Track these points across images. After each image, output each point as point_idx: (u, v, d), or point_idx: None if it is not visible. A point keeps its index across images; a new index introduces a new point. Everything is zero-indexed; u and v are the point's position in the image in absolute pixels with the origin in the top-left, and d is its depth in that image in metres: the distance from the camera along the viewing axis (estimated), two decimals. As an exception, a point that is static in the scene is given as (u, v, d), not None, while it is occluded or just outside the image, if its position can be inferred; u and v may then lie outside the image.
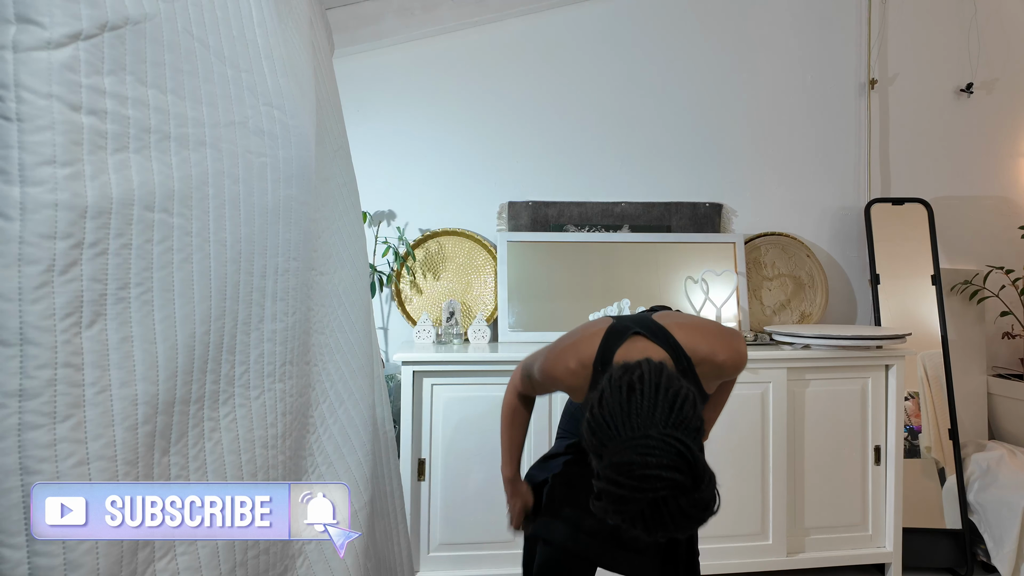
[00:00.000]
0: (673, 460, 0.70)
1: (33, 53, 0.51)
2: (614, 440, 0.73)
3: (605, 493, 0.72)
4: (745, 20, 2.43)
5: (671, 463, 0.70)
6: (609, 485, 0.71)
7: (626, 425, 0.74)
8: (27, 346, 0.51)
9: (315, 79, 0.98)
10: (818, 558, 1.95)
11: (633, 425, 0.73)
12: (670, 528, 0.71)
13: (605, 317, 1.07)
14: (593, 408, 0.77)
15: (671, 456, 0.70)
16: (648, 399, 0.75)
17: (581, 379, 0.97)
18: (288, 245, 0.81)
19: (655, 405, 0.74)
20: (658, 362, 0.82)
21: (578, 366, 0.97)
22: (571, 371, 0.97)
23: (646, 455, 0.70)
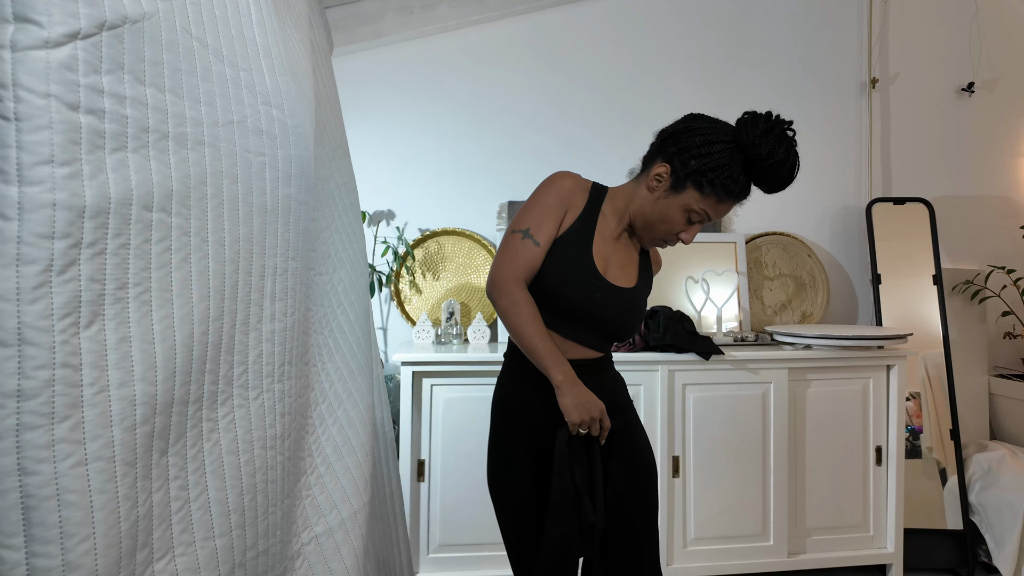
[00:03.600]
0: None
1: (31, 52, 0.51)
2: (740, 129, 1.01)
3: (762, 143, 0.97)
4: (745, 19, 2.43)
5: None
6: (763, 137, 0.98)
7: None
8: (25, 346, 0.51)
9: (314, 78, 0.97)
10: (819, 559, 1.95)
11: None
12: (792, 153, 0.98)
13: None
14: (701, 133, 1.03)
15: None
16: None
17: (580, 191, 1.07)
18: (287, 245, 0.81)
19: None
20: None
21: (578, 180, 1.09)
22: (577, 185, 1.07)
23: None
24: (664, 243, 1.09)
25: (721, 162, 1.00)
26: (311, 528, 0.90)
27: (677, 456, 1.88)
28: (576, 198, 1.07)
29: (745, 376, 1.92)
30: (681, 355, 1.88)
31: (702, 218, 1.02)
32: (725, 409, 1.91)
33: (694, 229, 1.04)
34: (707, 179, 1.00)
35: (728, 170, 0.99)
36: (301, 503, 0.89)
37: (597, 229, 1.08)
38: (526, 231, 1.03)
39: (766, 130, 0.98)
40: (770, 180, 0.99)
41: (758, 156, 0.98)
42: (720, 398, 1.90)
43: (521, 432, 1.10)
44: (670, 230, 1.05)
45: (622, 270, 1.10)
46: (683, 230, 1.04)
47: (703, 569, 1.88)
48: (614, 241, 1.10)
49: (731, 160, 1.00)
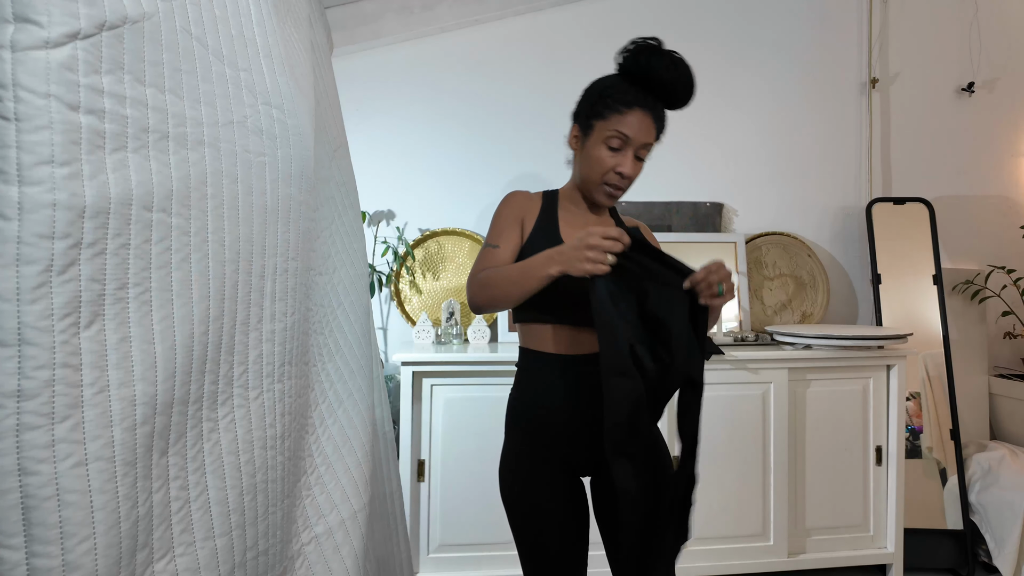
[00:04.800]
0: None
1: (31, 52, 0.51)
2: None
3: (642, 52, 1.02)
4: (745, 19, 2.43)
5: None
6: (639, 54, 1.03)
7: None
8: (25, 346, 0.51)
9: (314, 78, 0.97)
10: (819, 559, 1.95)
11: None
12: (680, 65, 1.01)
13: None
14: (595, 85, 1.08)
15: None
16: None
17: (532, 200, 1.13)
18: (287, 245, 0.81)
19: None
20: None
21: (527, 193, 1.14)
22: (526, 195, 1.13)
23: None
24: (612, 189, 1.07)
25: (606, 85, 1.06)
26: (311, 528, 0.90)
27: (676, 456, 1.87)
28: (528, 205, 1.12)
29: (745, 376, 1.92)
30: (681, 355, 1.87)
31: (621, 140, 1.02)
32: (725, 409, 1.91)
33: (626, 158, 1.03)
34: (602, 105, 1.04)
35: (614, 87, 1.04)
36: (301, 503, 0.89)
37: (560, 219, 1.12)
38: (487, 244, 1.09)
39: (637, 48, 1.03)
40: (660, 83, 1.02)
41: (638, 67, 1.03)
42: (720, 398, 1.90)
43: (545, 440, 1.06)
44: (604, 169, 1.05)
45: None
46: (615, 163, 1.04)
47: (703, 569, 1.88)
48: (583, 228, 1.11)
49: (615, 81, 1.05)
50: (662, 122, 1.06)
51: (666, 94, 1.03)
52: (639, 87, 1.03)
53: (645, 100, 1.03)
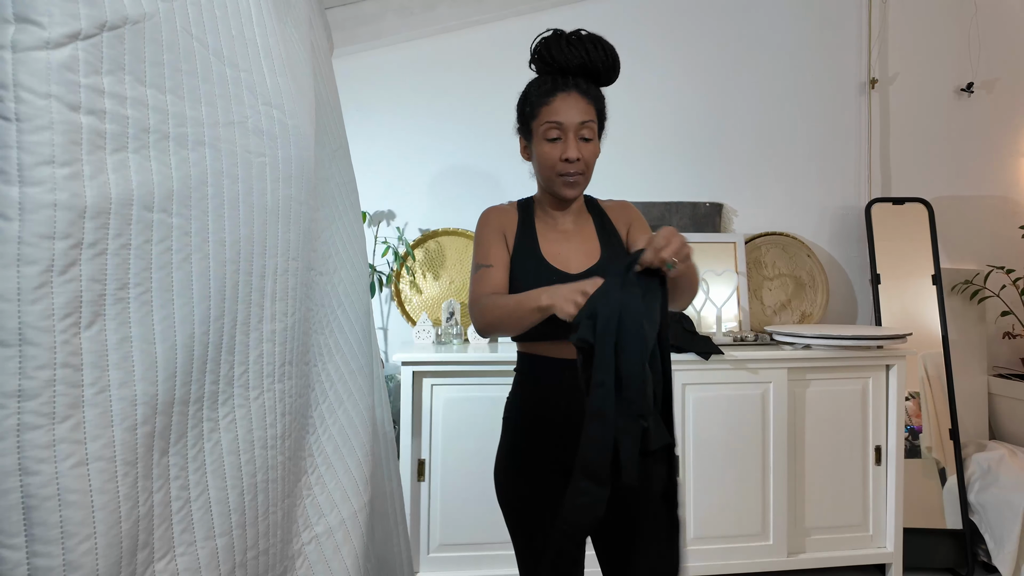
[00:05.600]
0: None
1: (32, 53, 0.51)
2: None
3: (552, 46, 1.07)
4: (745, 19, 2.43)
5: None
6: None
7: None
8: (26, 346, 0.51)
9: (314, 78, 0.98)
10: (819, 558, 1.95)
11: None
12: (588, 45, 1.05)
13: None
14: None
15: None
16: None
17: (508, 212, 1.15)
18: (287, 245, 0.81)
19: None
20: None
21: (502, 206, 1.17)
22: (502, 209, 1.16)
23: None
24: (568, 178, 1.07)
25: (527, 88, 1.12)
26: (312, 528, 0.90)
27: (677, 456, 1.87)
28: (506, 219, 1.14)
29: (745, 376, 1.92)
30: (681, 355, 1.88)
31: (556, 127, 1.04)
32: (725, 409, 1.91)
33: (568, 143, 1.04)
34: (529, 106, 1.09)
35: (534, 86, 1.09)
36: (302, 503, 0.89)
37: (538, 229, 1.13)
38: (477, 265, 1.10)
39: (538, 47, 1.09)
40: (569, 65, 1.05)
41: (545, 62, 1.07)
42: (720, 398, 1.91)
43: (541, 442, 1.07)
44: (551, 162, 1.06)
45: (581, 255, 1.11)
46: (560, 152, 1.05)
47: (703, 568, 1.88)
48: (561, 234, 1.13)
49: (533, 81, 1.11)
50: (593, 96, 1.06)
51: (583, 70, 1.06)
52: (555, 76, 1.07)
53: (565, 83, 1.05)
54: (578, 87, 1.05)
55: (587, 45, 1.05)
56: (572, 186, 1.08)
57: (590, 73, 1.06)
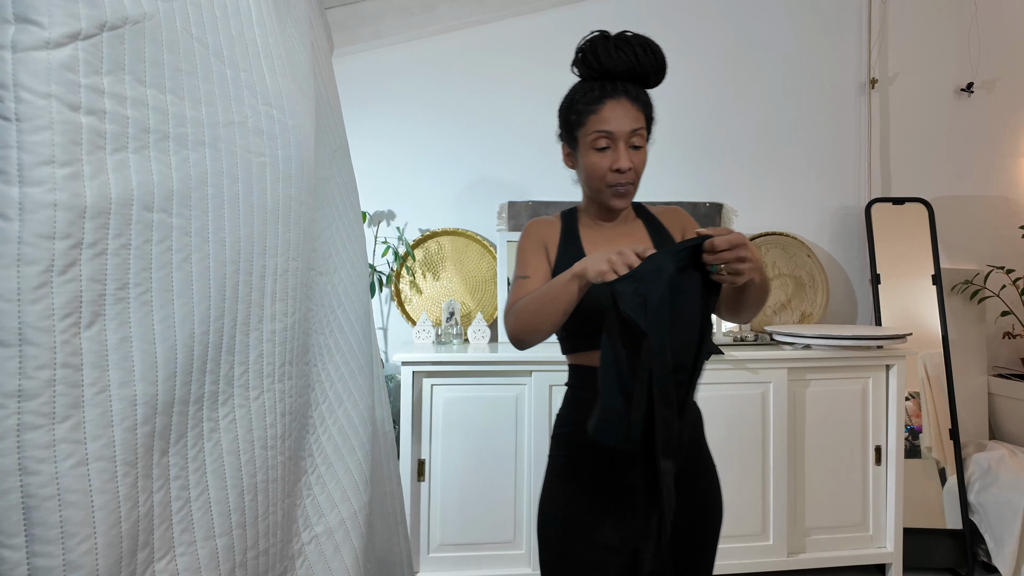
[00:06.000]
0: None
1: (32, 53, 0.51)
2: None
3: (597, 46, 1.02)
4: (745, 19, 2.43)
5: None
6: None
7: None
8: (26, 347, 0.51)
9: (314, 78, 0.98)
10: (819, 558, 1.95)
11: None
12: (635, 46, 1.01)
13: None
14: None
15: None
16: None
17: (550, 224, 1.11)
18: (287, 245, 0.81)
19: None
20: None
21: (546, 218, 1.13)
22: (544, 222, 1.12)
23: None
24: (618, 189, 1.02)
25: (572, 93, 1.06)
26: (312, 528, 0.90)
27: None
28: (549, 231, 1.09)
29: (745, 376, 1.92)
30: (681, 355, 1.88)
31: (607, 138, 0.99)
32: (725, 409, 1.91)
33: (618, 153, 0.99)
34: (575, 114, 1.03)
35: (580, 92, 1.04)
36: (302, 503, 0.89)
37: (583, 237, 1.08)
38: (515, 277, 1.06)
39: (583, 49, 1.04)
40: (619, 69, 1.00)
41: (591, 65, 1.02)
42: (720, 398, 1.91)
43: (603, 458, 0.98)
44: (601, 173, 1.02)
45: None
46: (610, 162, 1.00)
47: (703, 569, 1.88)
48: (609, 240, 1.08)
49: (579, 86, 1.05)
50: (642, 102, 1.03)
51: (631, 74, 1.01)
52: (603, 81, 1.02)
53: (614, 90, 1.00)
54: (627, 93, 1.00)
55: (636, 48, 1.00)
56: (622, 197, 1.03)
57: (638, 77, 1.01)
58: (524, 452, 1.85)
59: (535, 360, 1.84)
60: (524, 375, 1.85)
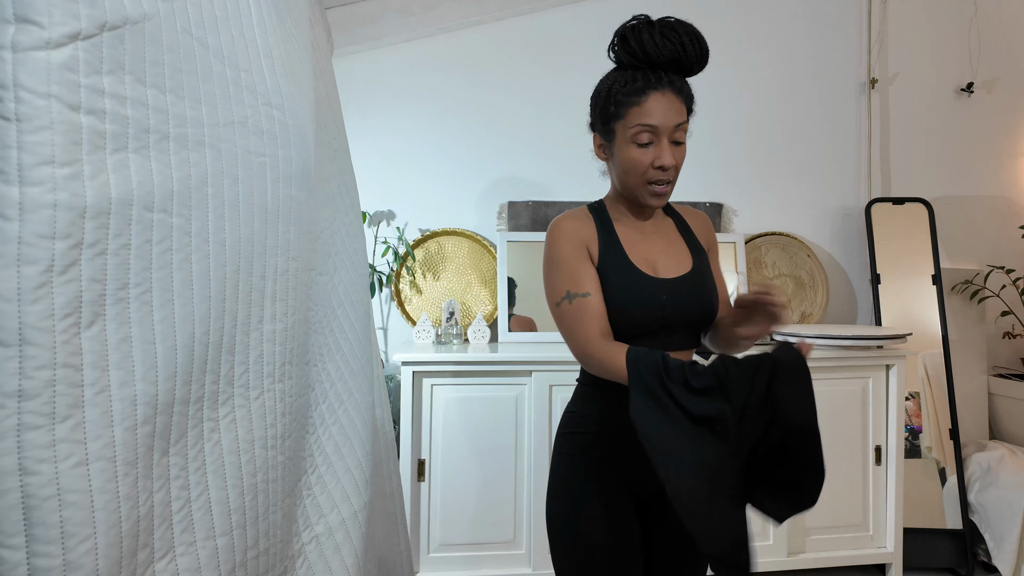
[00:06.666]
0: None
1: (32, 53, 0.51)
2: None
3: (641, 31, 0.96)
4: (745, 19, 2.43)
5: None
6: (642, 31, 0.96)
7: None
8: (26, 346, 0.51)
9: (315, 79, 0.98)
10: (819, 558, 1.95)
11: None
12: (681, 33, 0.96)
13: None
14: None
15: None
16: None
17: (583, 221, 1.02)
18: (288, 245, 0.81)
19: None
20: None
21: (574, 215, 1.03)
22: (577, 219, 1.02)
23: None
24: (658, 187, 0.97)
25: (611, 83, 0.98)
26: (312, 528, 0.90)
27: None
28: (585, 230, 1.01)
29: (745, 376, 1.91)
30: (681, 355, 1.88)
31: (649, 131, 0.94)
32: (725, 409, 1.91)
33: (661, 148, 0.94)
34: (614, 104, 0.96)
35: (620, 81, 0.96)
36: (302, 503, 0.89)
37: (620, 236, 1.01)
38: (567, 294, 0.96)
39: (623, 34, 0.97)
40: (662, 56, 0.94)
41: (633, 52, 0.95)
42: (720, 398, 1.90)
43: (608, 458, 0.98)
44: (642, 169, 0.96)
45: (670, 260, 1.02)
46: (652, 158, 0.95)
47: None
48: (645, 236, 1.03)
49: (618, 75, 0.98)
50: (686, 94, 0.97)
51: (675, 64, 0.95)
52: (645, 70, 0.95)
53: (658, 80, 0.94)
54: (672, 85, 0.94)
55: (683, 36, 0.94)
56: (659, 196, 0.98)
57: (681, 67, 0.96)
58: (524, 452, 1.85)
59: (535, 360, 1.84)
60: (524, 375, 1.85)
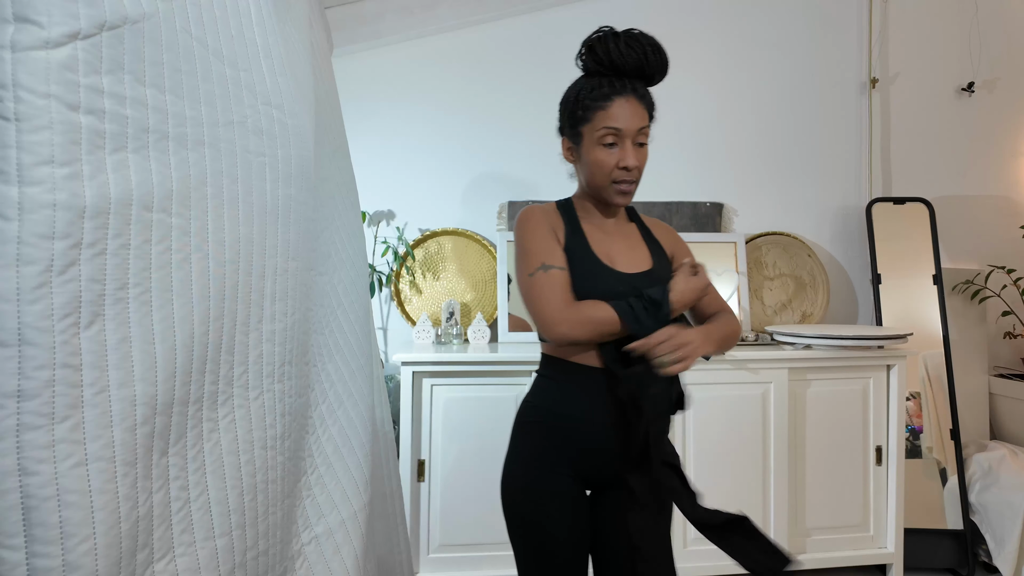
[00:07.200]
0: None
1: (31, 53, 0.51)
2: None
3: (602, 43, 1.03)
4: (746, 19, 2.43)
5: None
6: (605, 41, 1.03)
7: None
8: (25, 347, 0.51)
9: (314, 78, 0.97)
10: (819, 559, 1.95)
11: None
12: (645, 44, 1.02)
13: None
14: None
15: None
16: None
17: (552, 213, 1.10)
18: (287, 245, 0.81)
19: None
20: None
21: (544, 206, 1.11)
22: (546, 209, 1.10)
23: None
24: (622, 186, 1.04)
25: (578, 88, 1.05)
26: (311, 528, 0.90)
27: (677, 456, 1.88)
28: (553, 218, 1.08)
29: (745, 376, 1.91)
30: (681, 355, 1.88)
31: (614, 133, 1.01)
32: (725, 409, 1.91)
33: (625, 150, 1.01)
34: (582, 108, 1.03)
35: (587, 87, 1.04)
36: (301, 503, 0.89)
37: (585, 232, 1.08)
38: (541, 266, 1.01)
39: (591, 44, 1.04)
40: (626, 65, 1.01)
41: (599, 60, 1.03)
42: (720, 398, 1.90)
43: (563, 448, 1.03)
44: (607, 169, 1.03)
45: (631, 258, 1.08)
46: (617, 159, 1.02)
47: (703, 569, 1.88)
48: (607, 235, 1.10)
49: (585, 82, 1.05)
50: (648, 101, 1.05)
51: (638, 73, 1.03)
52: (610, 78, 1.03)
53: (622, 87, 1.02)
54: (635, 91, 1.02)
55: (645, 46, 1.02)
56: (624, 195, 1.05)
57: (644, 75, 1.03)
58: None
59: (535, 360, 1.83)
60: (524, 375, 1.85)
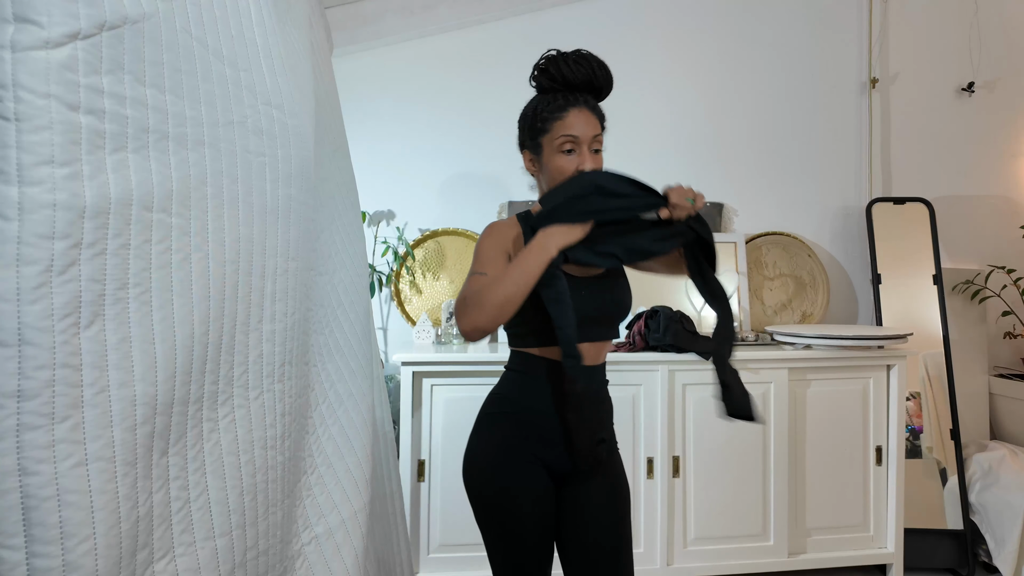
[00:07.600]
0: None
1: (31, 53, 0.51)
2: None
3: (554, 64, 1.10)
4: (745, 19, 2.43)
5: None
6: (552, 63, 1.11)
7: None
8: (25, 347, 0.51)
9: (314, 78, 0.97)
10: (819, 559, 1.95)
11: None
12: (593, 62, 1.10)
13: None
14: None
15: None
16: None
17: (509, 226, 1.13)
18: (287, 245, 0.81)
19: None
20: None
21: (503, 221, 1.14)
22: (504, 224, 1.13)
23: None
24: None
25: (535, 104, 1.13)
26: (311, 528, 0.90)
27: (677, 456, 1.87)
28: (509, 232, 1.11)
29: (745, 376, 1.90)
30: (681, 355, 1.88)
31: (572, 141, 1.07)
32: (725, 409, 1.91)
33: (583, 157, 1.07)
34: (540, 121, 1.10)
35: (543, 102, 1.11)
36: (301, 503, 0.89)
37: None
38: (473, 272, 1.07)
39: (543, 66, 1.12)
40: (577, 81, 1.09)
41: (552, 78, 1.11)
42: (720, 398, 1.90)
43: (531, 438, 1.09)
44: (567, 173, 1.08)
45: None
46: (575, 164, 1.08)
47: (703, 569, 1.88)
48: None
49: (540, 98, 1.13)
50: (599, 112, 1.12)
51: (588, 87, 1.10)
52: (564, 92, 1.10)
53: (576, 99, 1.09)
54: (587, 103, 1.09)
55: (592, 63, 1.10)
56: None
57: (593, 88, 1.11)
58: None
59: (535, 360, 1.83)
60: (524, 375, 1.85)
